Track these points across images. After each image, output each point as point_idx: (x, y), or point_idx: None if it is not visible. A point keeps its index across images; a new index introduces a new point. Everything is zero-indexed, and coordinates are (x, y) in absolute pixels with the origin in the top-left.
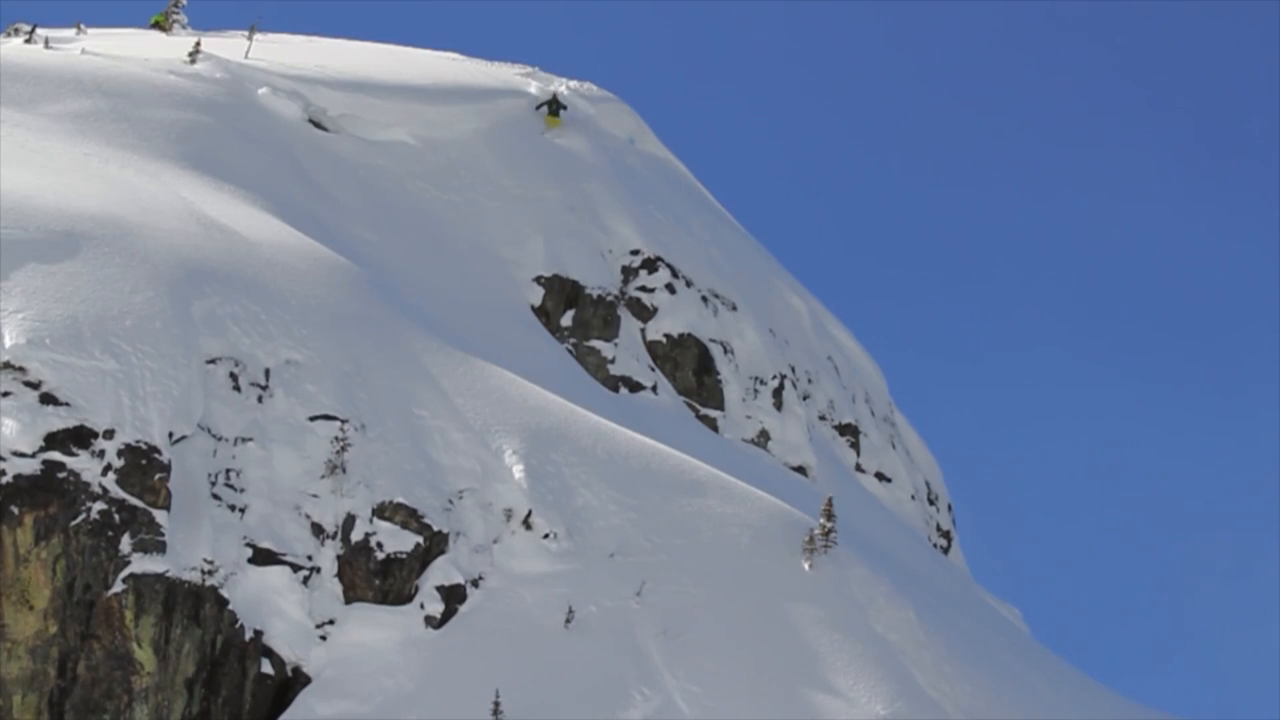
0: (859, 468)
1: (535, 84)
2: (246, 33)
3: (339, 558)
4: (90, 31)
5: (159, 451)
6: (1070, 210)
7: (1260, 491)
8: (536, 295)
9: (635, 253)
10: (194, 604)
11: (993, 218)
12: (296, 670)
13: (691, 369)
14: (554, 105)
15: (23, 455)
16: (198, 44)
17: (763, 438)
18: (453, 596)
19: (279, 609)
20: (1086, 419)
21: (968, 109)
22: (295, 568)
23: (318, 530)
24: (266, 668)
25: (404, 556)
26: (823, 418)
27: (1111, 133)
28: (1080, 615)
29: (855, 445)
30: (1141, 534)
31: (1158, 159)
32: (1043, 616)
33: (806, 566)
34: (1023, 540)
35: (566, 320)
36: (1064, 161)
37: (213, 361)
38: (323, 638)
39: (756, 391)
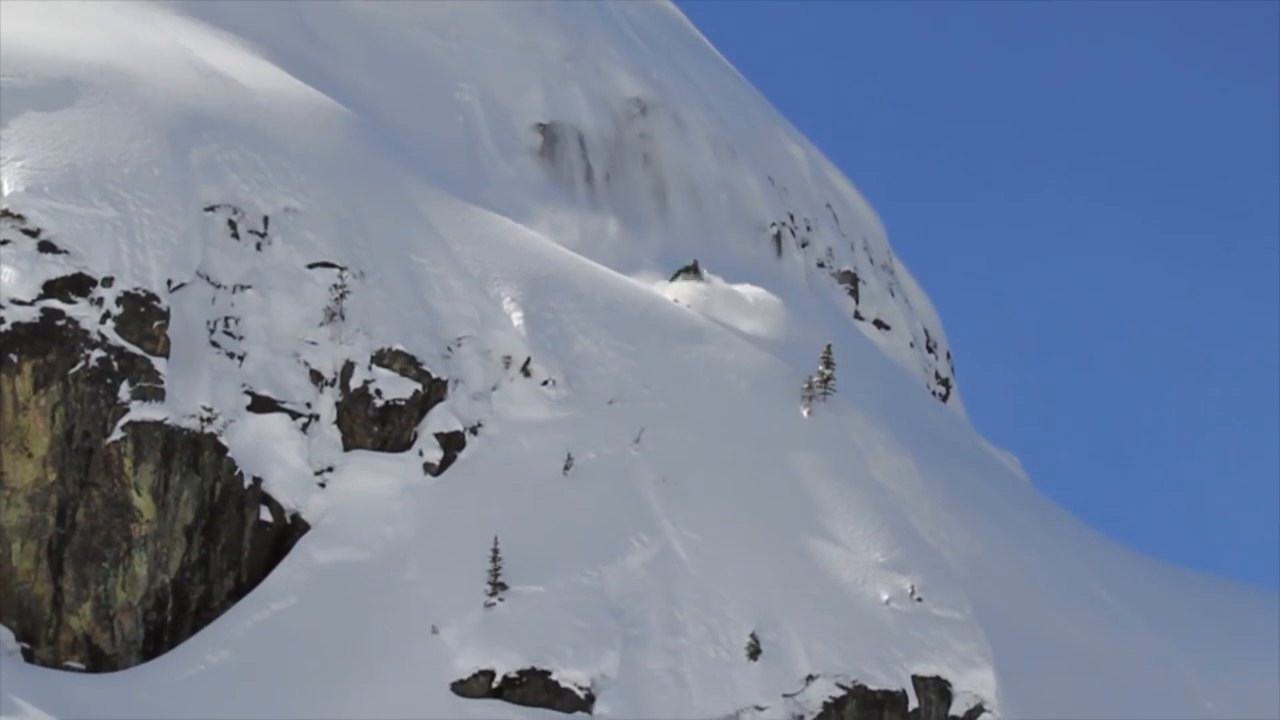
0: (858, 315)
1: None
2: None
3: (338, 405)
4: None
5: (157, 299)
6: (1069, 50)
7: (1261, 335)
8: (536, 143)
9: (634, 100)
10: (193, 451)
11: (990, 61)
12: (295, 517)
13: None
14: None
15: (21, 303)
16: None
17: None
18: (451, 443)
19: (278, 456)
20: (1086, 264)
21: None
22: (294, 415)
23: (316, 378)
24: (265, 515)
25: (403, 404)
26: (821, 265)
27: None
28: (1079, 462)
29: (854, 293)
30: (1142, 380)
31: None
32: (1041, 464)
33: (805, 414)
34: (1022, 387)
35: (566, 168)
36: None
37: (211, 209)
38: (321, 485)
39: (756, 239)
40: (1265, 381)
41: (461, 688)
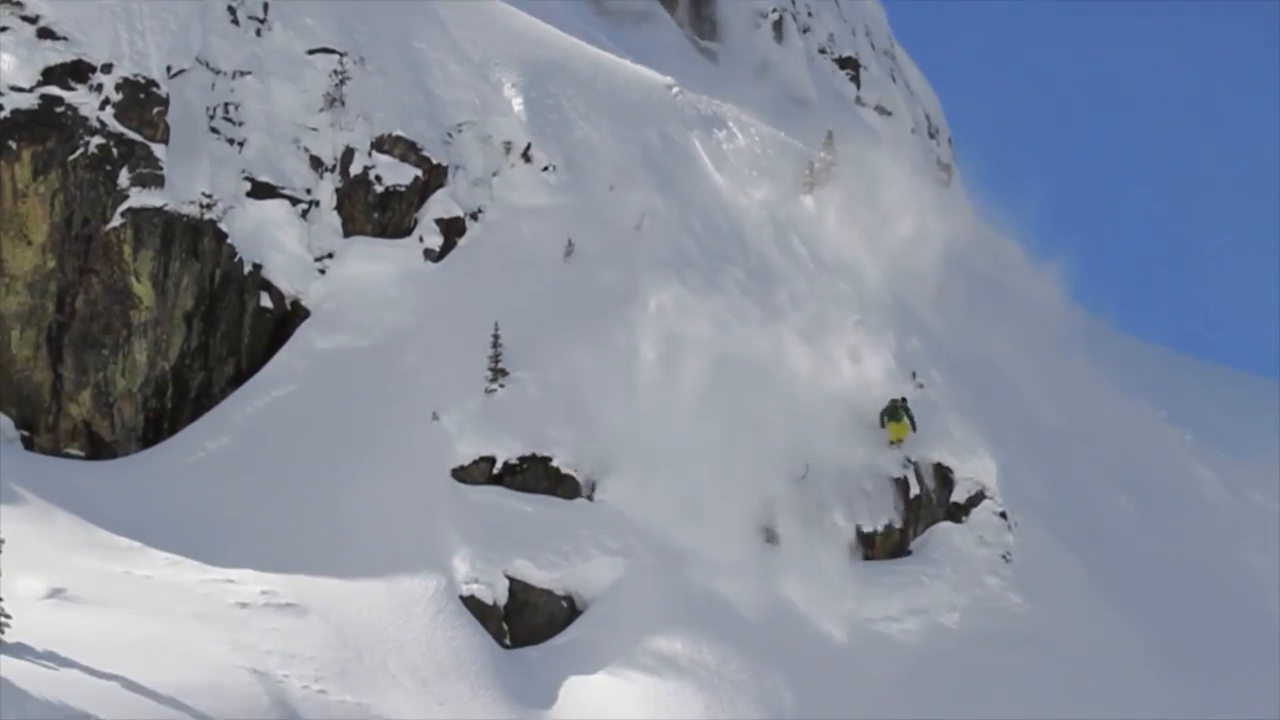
0: (859, 101)
1: None
2: None
3: (338, 191)
4: None
5: (157, 85)
6: None
7: (1267, 127)
8: None
9: None
10: (192, 238)
11: None
12: (295, 304)
13: (691, 1)
14: (896, 411)
15: (20, 90)
16: None
17: (763, 70)
18: (452, 229)
19: (278, 242)
20: (1091, 51)
21: None
22: (294, 201)
23: (316, 164)
24: (265, 301)
25: (403, 189)
26: (823, 51)
27: None
28: (1081, 250)
29: (855, 79)
30: (1145, 169)
31: None
32: (1043, 252)
33: (807, 199)
34: (1025, 175)
35: None
36: None
37: None
38: (321, 271)
39: (757, 24)
40: (1268, 172)
41: (462, 474)
